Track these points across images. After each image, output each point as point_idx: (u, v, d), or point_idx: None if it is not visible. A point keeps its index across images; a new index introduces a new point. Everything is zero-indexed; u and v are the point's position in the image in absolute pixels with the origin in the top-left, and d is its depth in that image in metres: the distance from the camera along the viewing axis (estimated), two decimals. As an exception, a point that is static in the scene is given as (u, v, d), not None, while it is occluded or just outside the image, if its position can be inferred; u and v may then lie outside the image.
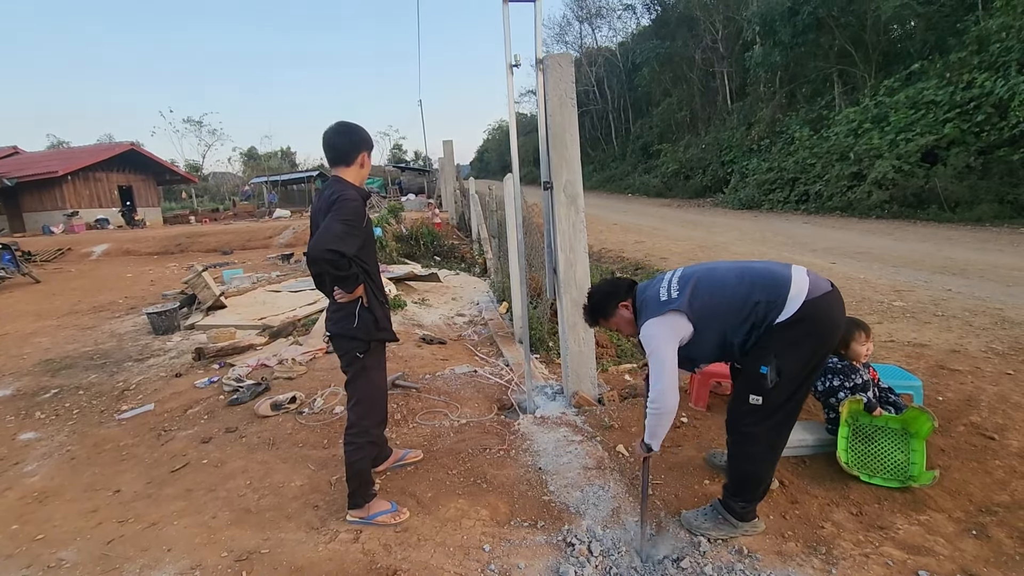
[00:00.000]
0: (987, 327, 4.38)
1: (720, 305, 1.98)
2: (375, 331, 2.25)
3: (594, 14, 34.83)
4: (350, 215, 2.06)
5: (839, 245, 8.74)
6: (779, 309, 1.88)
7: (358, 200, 2.14)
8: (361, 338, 2.23)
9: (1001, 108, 10.33)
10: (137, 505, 2.59)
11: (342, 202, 2.08)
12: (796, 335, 1.89)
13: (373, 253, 2.30)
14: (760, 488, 2.10)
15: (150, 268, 11.83)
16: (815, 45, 16.27)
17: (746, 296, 1.94)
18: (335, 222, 2.03)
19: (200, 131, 46.24)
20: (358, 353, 2.25)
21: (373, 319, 2.23)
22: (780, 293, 1.89)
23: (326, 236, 1.99)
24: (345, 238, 2.02)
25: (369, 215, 2.33)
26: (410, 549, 2.14)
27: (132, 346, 5.49)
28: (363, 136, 2.23)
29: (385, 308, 2.33)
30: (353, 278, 2.14)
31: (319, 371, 4.25)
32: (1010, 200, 9.79)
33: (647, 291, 2.14)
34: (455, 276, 9.00)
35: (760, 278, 1.97)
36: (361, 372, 2.29)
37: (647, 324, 2.04)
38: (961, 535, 2.09)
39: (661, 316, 2.01)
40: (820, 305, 1.88)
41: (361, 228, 2.12)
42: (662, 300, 2.04)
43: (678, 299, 2.00)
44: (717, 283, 2.02)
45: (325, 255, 1.97)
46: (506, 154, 3.95)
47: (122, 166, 22.94)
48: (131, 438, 3.38)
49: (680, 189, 21.69)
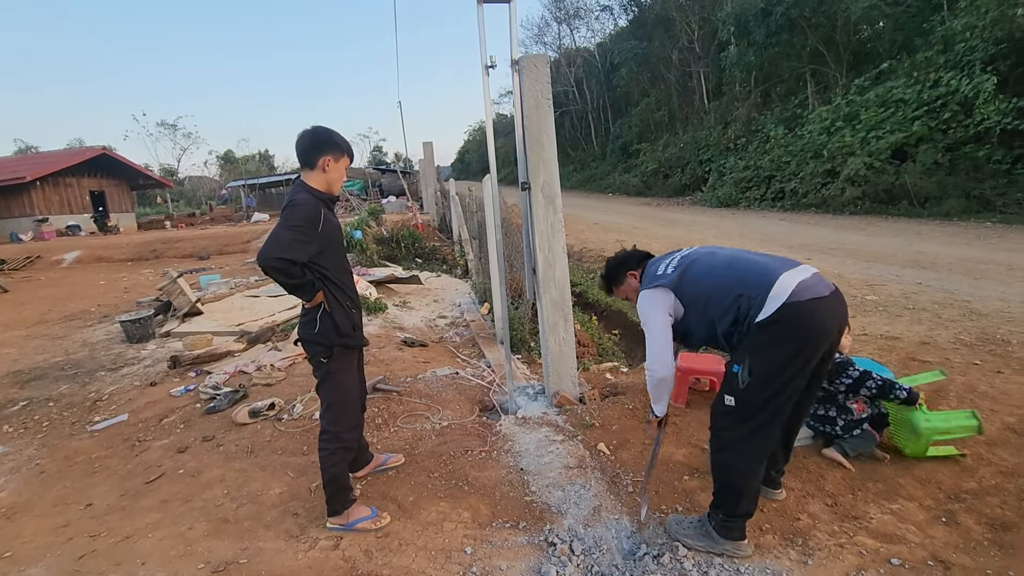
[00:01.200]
0: (955, 319, 4.50)
1: (705, 290, 1.99)
2: (335, 337, 2.22)
3: (572, 15, 35.05)
4: (299, 220, 2.04)
5: (814, 241, 8.91)
6: (758, 307, 1.84)
7: (310, 204, 2.10)
8: (322, 343, 2.22)
9: (966, 106, 10.64)
10: (110, 518, 2.53)
11: (292, 207, 2.07)
12: (771, 337, 1.83)
13: (337, 257, 2.26)
14: (739, 501, 1.98)
15: (124, 275, 11.57)
16: (788, 45, 16.58)
17: (730, 287, 1.92)
18: (283, 229, 2.01)
19: (175, 134, 45.31)
20: (322, 358, 2.24)
21: (333, 324, 2.20)
22: (761, 290, 1.85)
23: (273, 244, 1.97)
24: (294, 244, 2.00)
25: (336, 219, 2.29)
26: (391, 554, 2.12)
27: (105, 355, 5.36)
28: (325, 139, 2.18)
29: (351, 313, 2.29)
30: (308, 286, 2.11)
31: (299, 376, 4.19)
32: (976, 195, 10.09)
33: (653, 264, 2.22)
34: (436, 278, 8.96)
35: (748, 271, 1.94)
36: (327, 377, 2.27)
37: (641, 295, 2.16)
38: (932, 522, 2.14)
39: (651, 289, 2.09)
40: (804, 309, 1.79)
41: (316, 233, 2.08)
42: (656, 274, 2.12)
43: (670, 276, 2.06)
44: (708, 268, 2.04)
45: (273, 263, 1.95)
46: (486, 156, 3.98)
47: (93, 171, 22.37)
48: (104, 450, 3.30)
49: (659, 188, 21.90)
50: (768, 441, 1.98)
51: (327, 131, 2.22)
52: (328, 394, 2.29)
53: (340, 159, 2.21)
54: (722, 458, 2.00)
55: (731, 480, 1.99)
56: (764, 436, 1.94)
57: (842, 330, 1.95)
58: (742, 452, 1.94)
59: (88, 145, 32.29)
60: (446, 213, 14.08)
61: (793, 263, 1.94)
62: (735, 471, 1.97)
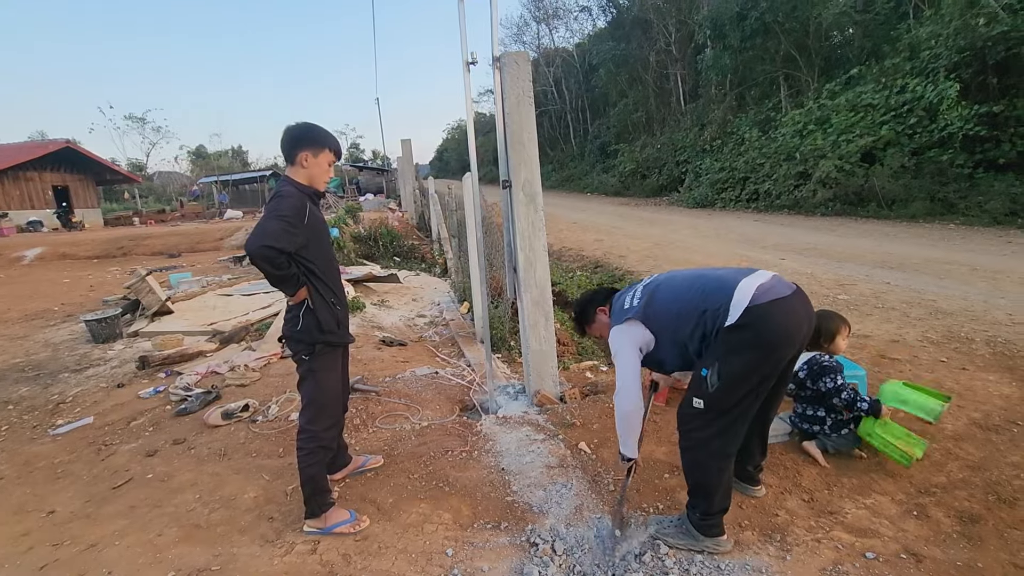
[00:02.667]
0: (923, 317, 4.64)
1: (671, 315, 2.03)
2: (318, 334, 2.19)
3: (551, 15, 35.12)
4: (286, 211, 2.02)
5: (787, 241, 9.10)
6: (724, 315, 1.87)
7: (295, 196, 2.09)
8: (304, 340, 2.19)
9: (931, 112, 10.98)
10: (74, 526, 2.43)
11: (279, 199, 2.07)
12: (738, 341, 1.86)
13: (323, 253, 2.23)
14: (713, 498, 2.01)
15: (89, 273, 11.17)
16: (762, 49, 16.90)
17: (695, 306, 1.96)
18: (271, 219, 2.00)
19: (144, 128, 43.92)
20: (303, 355, 2.21)
21: (316, 322, 2.17)
22: (723, 300, 1.89)
23: (261, 232, 1.96)
24: (282, 234, 1.98)
25: (321, 214, 2.26)
26: (370, 558, 2.08)
27: (69, 356, 5.16)
28: (301, 135, 2.16)
29: (335, 311, 2.25)
30: (293, 279, 2.09)
31: (274, 377, 4.10)
32: (940, 198, 10.43)
33: (620, 298, 2.23)
34: (415, 277, 8.88)
35: (708, 287, 1.97)
36: (308, 375, 2.23)
37: (612, 331, 2.16)
38: (904, 516, 2.20)
39: (621, 324, 2.12)
40: (767, 311, 1.83)
41: (302, 226, 2.07)
42: (624, 308, 2.13)
43: (637, 307, 2.08)
44: (671, 292, 2.06)
45: (261, 251, 1.93)
46: (466, 154, 3.95)
47: (57, 164, 21.55)
48: (67, 454, 3.17)
49: (637, 188, 22.12)
50: (736, 439, 2.02)
51: (307, 126, 2.19)
52: (308, 392, 2.25)
53: (320, 154, 2.16)
54: (693, 457, 2.05)
55: (704, 478, 2.03)
56: (732, 435, 1.99)
57: (811, 328, 1.99)
58: (712, 451, 1.98)
59: (51, 138, 31.10)
60: (425, 211, 13.97)
61: (750, 270, 1.99)
62: (707, 469, 2.01)
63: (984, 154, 10.33)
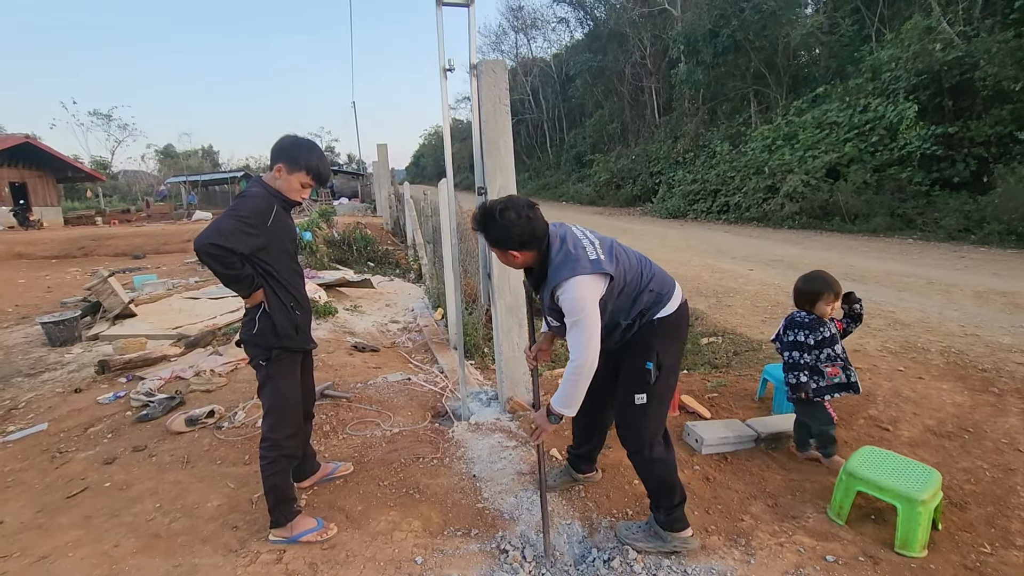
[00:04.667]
0: (882, 328, 4.81)
1: (630, 282, 1.96)
2: (273, 339, 2.13)
3: (529, 25, 35.46)
4: (245, 211, 1.98)
5: (756, 253, 9.34)
6: (663, 304, 1.99)
7: (261, 197, 2.05)
8: (260, 345, 2.13)
9: (891, 131, 11.48)
10: (24, 537, 2.32)
11: (242, 198, 2.04)
12: (672, 332, 2.03)
13: (284, 256, 2.17)
14: (675, 490, 2.07)
15: (47, 273, 10.75)
16: (734, 66, 17.37)
17: (645, 281, 1.99)
18: (227, 217, 1.96)
19: (109, 125, 42.42)
20: (260, 360, 2.15)
21: (272, 326, 2.11)
22: (666, 289, 2.03)
23: (212, 230, 1.90)
24: (235, 234, 1.92)
25: (290, 221, 2.22)
26: (338, 567, 2.05)
27: (23, 360, 4.95)
28: (283, 148, 2.09)
29: (294, 316, 2.19)
30: (247, 280, 2.02)
31: (241, 382, 4.00)
32: (899, 214, 10.88)
33: (567, 240, 1.91)
34: (389, 282, 8.80)
35: (657, 270, 2.07)
36: (266, 381, 2.18)
37: (576, 280, 1.82)
38: (862, 520, 2.27)
39: (592, 275, 1.84)
40: (686, 311, 2.10)
41: (263, 227, 2.01)
42: (592, 259, 1.86)
43: (609, 263, 1.88)
44: (628, 259, 1.99)
45: (207, 248, 1.88)
46: (442, 160, 3.94)
47: (14, 160, 20.70)
48: (18, 462, 3.03)
49: (612, 198, 22.41)
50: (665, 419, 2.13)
51: (293, 142, 2.12)
52: (267, 399, 2.19)
53: (294, 172, 2.09)
54: (649, 456, 2.06)
55: (664, 473, 2.08)
56: (665, 417, 2.11)
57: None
58: (662, 443, 2.08)
59: (9, 133, 29.84)
60: (400, 216, 13.87)
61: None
62: (663, 464, 2.07)
63: (940, 173, 10.83)
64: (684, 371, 4.12)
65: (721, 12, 16.11)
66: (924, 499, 2.04)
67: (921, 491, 2.07)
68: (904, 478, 2.17)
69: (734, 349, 4.54)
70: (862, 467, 2.26)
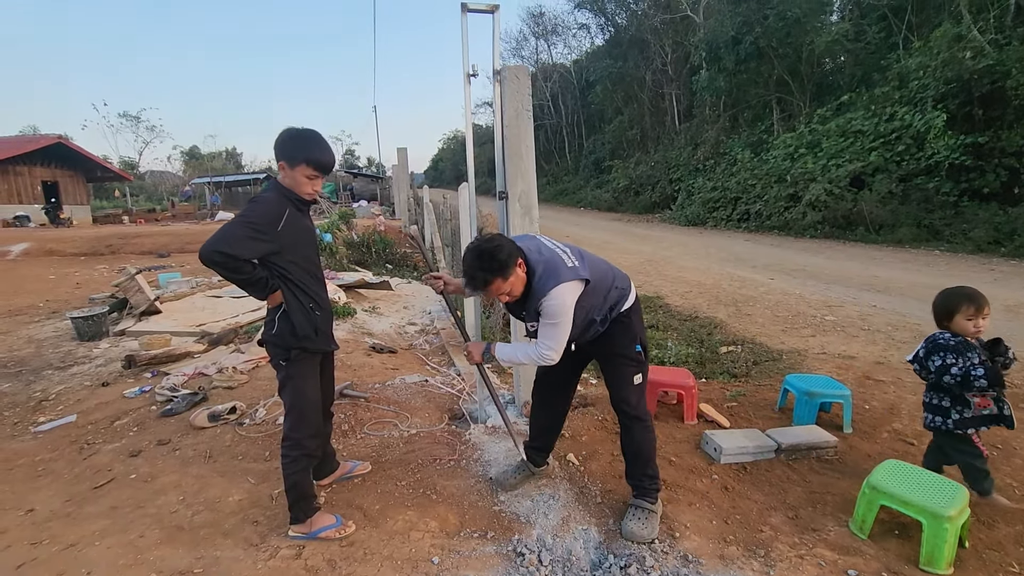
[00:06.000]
0: (907, 341, 4.71)
1: (600, 281, 2.15)
2: (292, 340, 2.13)
3: (550, 31, 35.65)
4: (254, 217, 1.97)
5: (777, 262, 9.22)
6: (626, 298, 2.25)
7: (273, 202, 2.03)
8: (280, 345, 2.14)
9: (919, 140, 11.25)
10: (53, 525, 2.39)
11: (253, 203, 2.03)
12: (637, 317, 2.30)
13: (302, 259, 2.15)
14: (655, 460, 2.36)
15: (76, 270, 11.05)
16: (756, 73, 17.23)
17: (610, 279, 2.21)
18: (236, 223, 1.95)
19: (137, 127, 43.75)
20: (280, 361, 2.17)
21: (291, 327, 2.11)
22: (626, 284, 2.28)
23: (218, 237, 1.89)
24: (242, 241, 1.92)
25: (307, 222, 2.21)
26: (356, 564, 2.07)
27: (53, 353, 5.10)
28: (280, 143, 2.06)
29: (313, 316, 2.18)
30: (261, 283, 2.02)
31: (262, 380, 4.07)
32: (926, 224, 10.64)
33: (543, 252, 2.09)
34: (407, 284, 8.87)
35: (615, 270, 2.28)
36: (287, 381, 2.19)
37: (559, 289, 1.99)
38: (885, 535, 2.22)
39: (571, 282, 2.01)
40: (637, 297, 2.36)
41: (273, 232, 1.99)
42: (569, 266, 2.04)
43: (583, 268, 2.06)
44: (595, 261, 2.20)
45: (211, 256, 1.87)
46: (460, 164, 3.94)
47: (47, 160, 21.37)
48: (49, 452, 3.12)
49: (630, 204, 22.31)
50: None
51: (288, 135, 2.08)
52: (288, 399, 2.21)
53: (296, 167, 2.05)
54: (645, 432, 2.30)
55: (653, 447, 2.34)
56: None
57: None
58: (650, 416, 2.35)
59: (43, 133, 30.83)
60: (418, 219, 13.99)
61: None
62: (652, 436, 2.33)
63: (969, 183, 10.57)
64: (703, 380, 4.09)
65: (744, 19, 15.99)
66: (951, 515, 2.00)
67: (948, 507, 2.03)
68: (930, 493, 2.13)
69: (754, 359, 4.49)
70: (886, 481, 2.22)
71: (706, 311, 6.02)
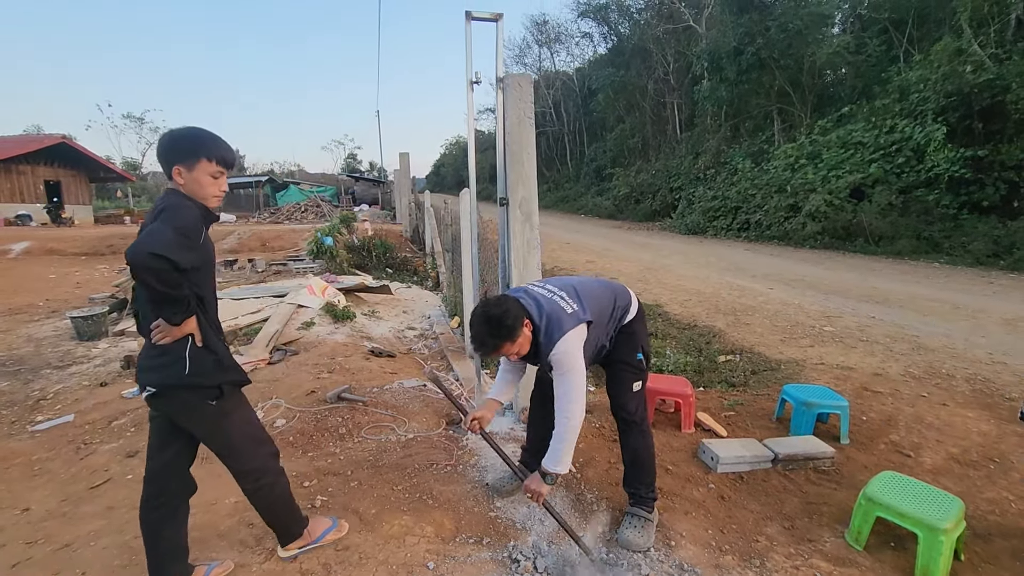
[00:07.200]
0: (905, 352, 4.72)
1: (601, 311, 2.20)
2: (219, 374, 1.78)
3: (553, 39, 35.74)
4: (181, 223, 1.62)
5: (776, 272, 9.24)
6: (629, 310, 2.31)
7: (190, 208, 1.69)
8: (204, 385, 1.76)
9: (919, 152, 11.30)
10: (49, 524, 2.39)
11: (174, 209, 1.65)
12: (641, 327, 2.36)
13: (212, 281, 1.85)
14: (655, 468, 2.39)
15: (77, 269, 11.06)
16: (757, 84, 17.30)
17: (611, 301, 2.26)
18: (166, 226, 1.59)
19: (141, 128, 43.87)
20: (209, 401, 1.78)
21: (215, 359, 1.77)
22: (629, 298, 2.34)
23: (153, 239, 1.53)
24: (178, 244, 1.57)
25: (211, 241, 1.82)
26: (351, 568, 2.07)
27: (52, 352, 5.10)
28: (167, 146, 1.74)
29: (225, 346, 1.87)
30: (183, 303, 1.65)
31: (261, 383, 4.07)
32: (926, 237, 10.67)
33: (543, 304, 2.07)
34: (407, 289, 8.88)
35: (615, 287, 2.35)
36: (222, 420, 1.83)
37: (565, 339, 2.00)
38: (881, 547, 2.22)
39: (574, 329, 2.04)
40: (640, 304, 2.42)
41: (198, 243, 1.68)
42: (569, 313, 2.06)
43: (581, 310, 2.10)
44: (592, 292, 2.23)
45: (150, 261, 1.50)
46: (462, 170, 3.99)
47: (51, 159, 21.40)
48: (45, 451, 3.12)
49: (631, 212, 22.36)
50: None
51: (176, 134, 1.77)
52: (228, 437, 1.88)
53: (195, 167, 1.72)
54: (643, 439, 2.33)
55: (651, 454, 2.36)
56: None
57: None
58: (648, 424, 2.38)
59: (47, 132, 30.92)
60: (419, 224, 14.01)
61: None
62: (650, 444, 2.36)
63: (969, 196, 10.62)
64: (700, 388, 4.09)
65: (746, 30, 16.09)
66: (947, 528, 2.00)
67: (944, 519, 2.03)
68: (926, 505, 2.13)
69: (752, 368, 4.49)
70: (882, 492, 2.22)
71: (705, 320, 6.03)
